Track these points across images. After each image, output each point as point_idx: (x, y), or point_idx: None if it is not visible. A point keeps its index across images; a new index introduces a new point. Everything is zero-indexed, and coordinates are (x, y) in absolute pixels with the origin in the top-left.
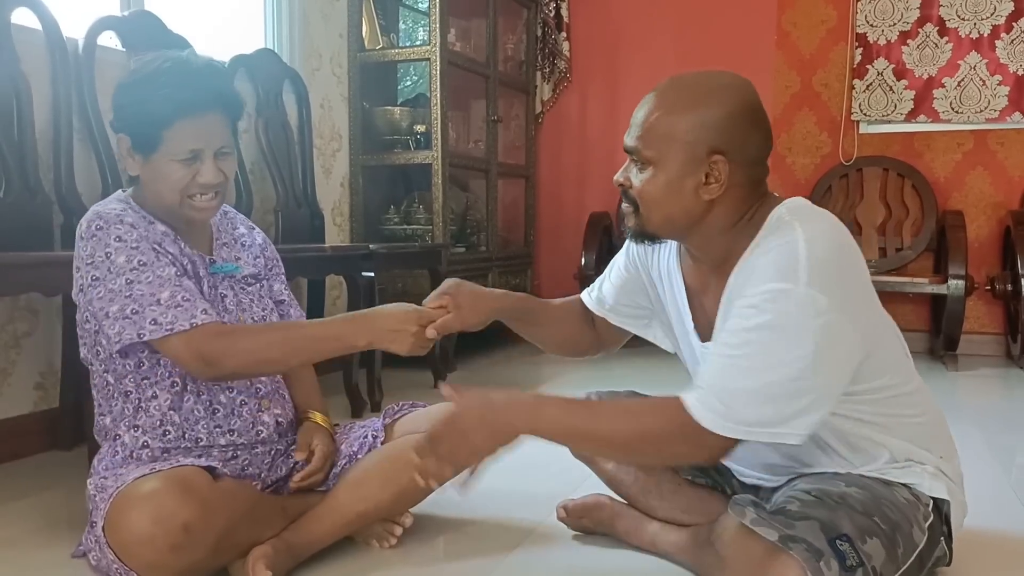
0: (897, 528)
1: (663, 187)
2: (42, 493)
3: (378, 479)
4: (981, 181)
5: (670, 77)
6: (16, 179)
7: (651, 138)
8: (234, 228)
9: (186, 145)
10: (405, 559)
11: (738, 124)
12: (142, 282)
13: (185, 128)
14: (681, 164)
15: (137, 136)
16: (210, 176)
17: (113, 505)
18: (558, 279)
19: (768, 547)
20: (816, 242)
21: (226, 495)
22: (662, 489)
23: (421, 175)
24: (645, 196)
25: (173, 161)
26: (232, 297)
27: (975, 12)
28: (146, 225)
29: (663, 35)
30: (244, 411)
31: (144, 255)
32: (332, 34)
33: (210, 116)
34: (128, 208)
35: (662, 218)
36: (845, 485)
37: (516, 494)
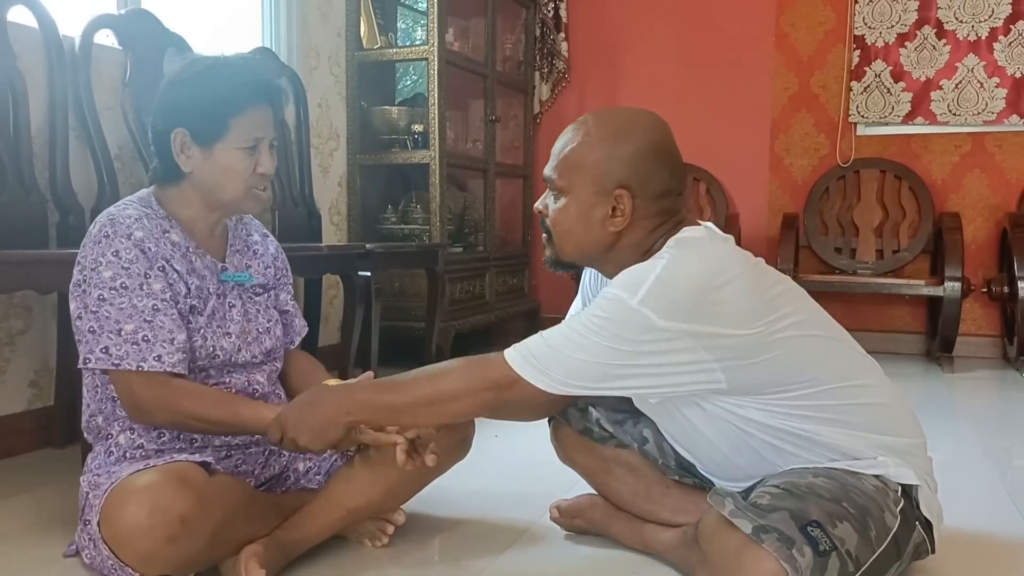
0: (867, 512)
1: (573, 217)
2: (36, 490)
3: (367, 475)
4: (978, 183)
5: (592, 111)
6: (11, 177)
7: (564, 168)
8: (248, 234)
9: (252, 133)
10: (397, 558)
11: (645, 160)
12: (113, 305)
13: (253, 116)
14: (589, 195)
15: (200, 128)
16: (269, 165)
17: (108, 499)
18: (555, 279)
19: (743, 540)
20: (673, 270)
21: (222, 489)
22: (651, 493)
23: (419, 175)
24: (557, 225)
25: (237, 150)
26: (240, 307)
27: (973, 14)
28: (158, 237)
29: (662, 36)
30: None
31: (131, 278)
32: (330, 33)
33: (268, 107)
34: (147, 214)
35: (573, 247)
36: (812, 476)
37: (509, 494)
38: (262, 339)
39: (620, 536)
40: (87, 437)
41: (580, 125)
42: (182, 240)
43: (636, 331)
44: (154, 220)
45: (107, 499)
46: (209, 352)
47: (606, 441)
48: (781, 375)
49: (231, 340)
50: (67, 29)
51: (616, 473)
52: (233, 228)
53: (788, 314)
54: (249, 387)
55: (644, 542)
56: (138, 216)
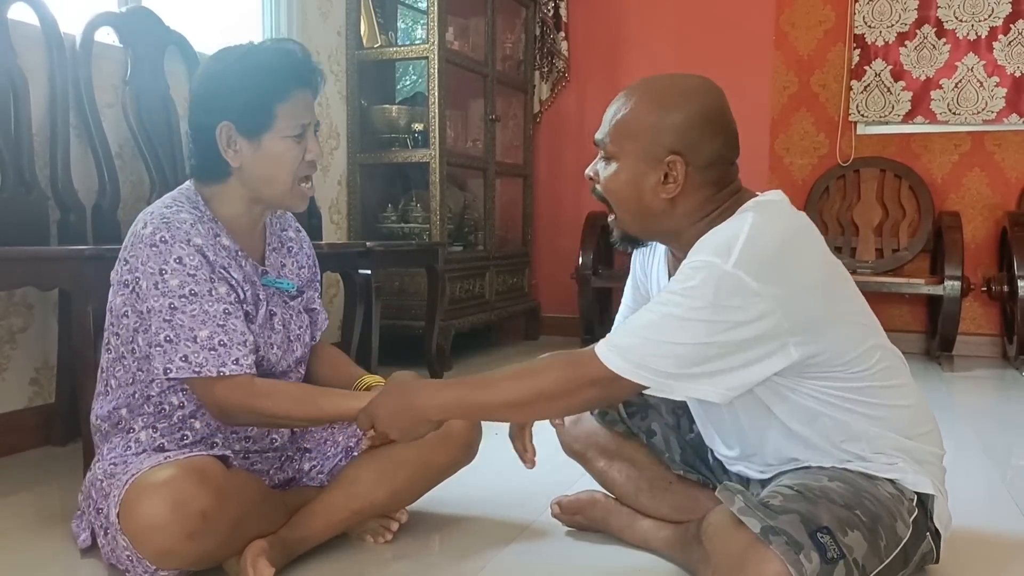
0: (878, 520)
1: (625, 183)
2: (36, 488)
3: (373, 477)
4: (978, 182)
5: (643, 78)
6: (12, 174)
7: (616, 134)
8: (283, 229)
9: (298, 119)
10: (399, 555)
11: (698, 128)
12: (186, 313)
13: (297, 101)
14: (640, 161)
15: (246, 119)
16: (317, 151)
17: (128, 493)
18: (555, 279)
19: (750, 539)
20: (761, 230)
21: (239, 484)
22: (653, 488)
23: (419, 174)
24: (609, 190)
25: (286, 138)
26: (280, 315)
27: (973, 14)
28: (213, 242)
29: (662, 35)
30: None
31: (198, 285)
32: (330, 32)
33: (308, 91)
34: (198, 217)
35: (630, 216)
36: (827, 479)
37: (510, 492)
38: (294, 347)
39: (620, 532)
40: (95, 434)
41: (632, 91)
42: (231, 243)
43: (732, 296)
44: (206, 224)
45: (126, 492)
46: (258, 362)
47: (616, 425)
48: (836, 357)
49: (274, 351)
50: (68, 27)
51: (618, 466)
52: (269, 223)
53: (849, 296)
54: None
55: (644, 539)
56: (193, 221)
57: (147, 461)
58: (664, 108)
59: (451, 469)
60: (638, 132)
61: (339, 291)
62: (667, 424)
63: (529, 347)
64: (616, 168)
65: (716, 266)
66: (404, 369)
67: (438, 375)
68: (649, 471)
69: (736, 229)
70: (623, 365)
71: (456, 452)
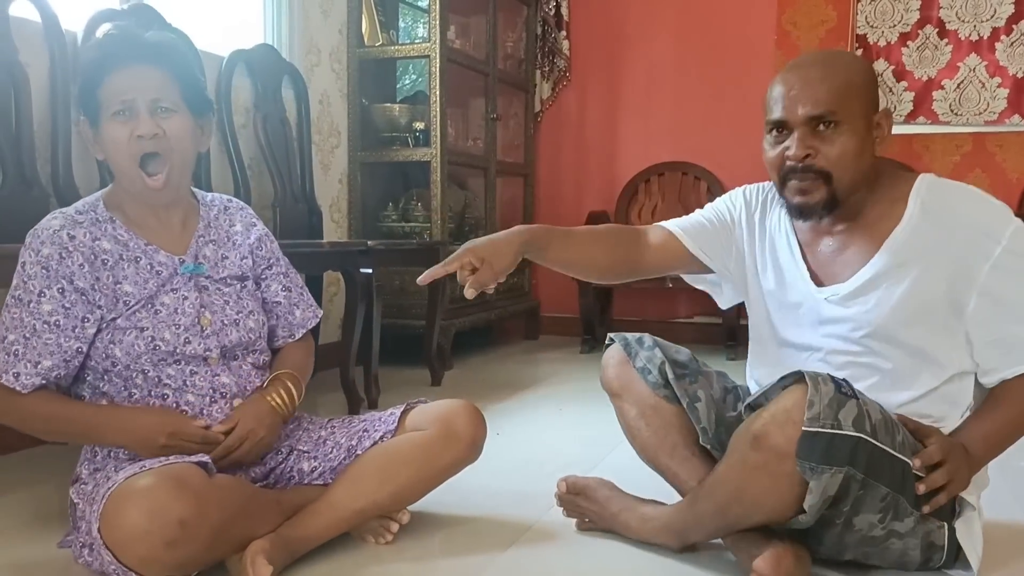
0: (898, 428)
1: (857, 145)
2: (32, 487)
3: (376, 477)
4: (979, 183)
5: (800, 56)
6: (13, 171)
7: (839, 99)
8: (231, 224)
9: (120, 95)
10: (400, 555)
11: (876, 83)
12: (10, 313)
13: (116, 82)
14: (865, 120)
15: (86, 112)
16: (144, 127)
17: (108, 503)
18: (555, 278)
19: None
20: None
21: (220, 490)
22: (675, 453)
23: (420, 172)
24: (843, 158)
25: (113, 121)
26: (194, 299)
27: (975, 14)
28: (88, 244)
29: (663, 34)
30: (214, 410)
31: (26, 293)
32: (331, 30)
33: (142, 68)
34: (79, 221)
35: (853, 178)
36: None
37: (512, 492)
38: (227, 331)
39: (619, 514)
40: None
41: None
42: (130, 239)
43: None
44: (87, 227)
45: (106, 503)
46: (148, 344)
47: (657, 388)
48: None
49: (175, 331)
50: (69, 23)
51: (649, 419)
52: (212, 219)
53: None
54: (213, 390)
55: (643, 518)
56: (59, 227)
57: (124, 472)
58: (854, 70)
59: (455, 468)
60: (855, 92)
61: (339, 290)
62: (712, 396)
63: (529, 347)
64: (846, 133)
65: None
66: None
67: (438, 375)
68: (676, 436)
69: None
70: None
71: (460, 451)
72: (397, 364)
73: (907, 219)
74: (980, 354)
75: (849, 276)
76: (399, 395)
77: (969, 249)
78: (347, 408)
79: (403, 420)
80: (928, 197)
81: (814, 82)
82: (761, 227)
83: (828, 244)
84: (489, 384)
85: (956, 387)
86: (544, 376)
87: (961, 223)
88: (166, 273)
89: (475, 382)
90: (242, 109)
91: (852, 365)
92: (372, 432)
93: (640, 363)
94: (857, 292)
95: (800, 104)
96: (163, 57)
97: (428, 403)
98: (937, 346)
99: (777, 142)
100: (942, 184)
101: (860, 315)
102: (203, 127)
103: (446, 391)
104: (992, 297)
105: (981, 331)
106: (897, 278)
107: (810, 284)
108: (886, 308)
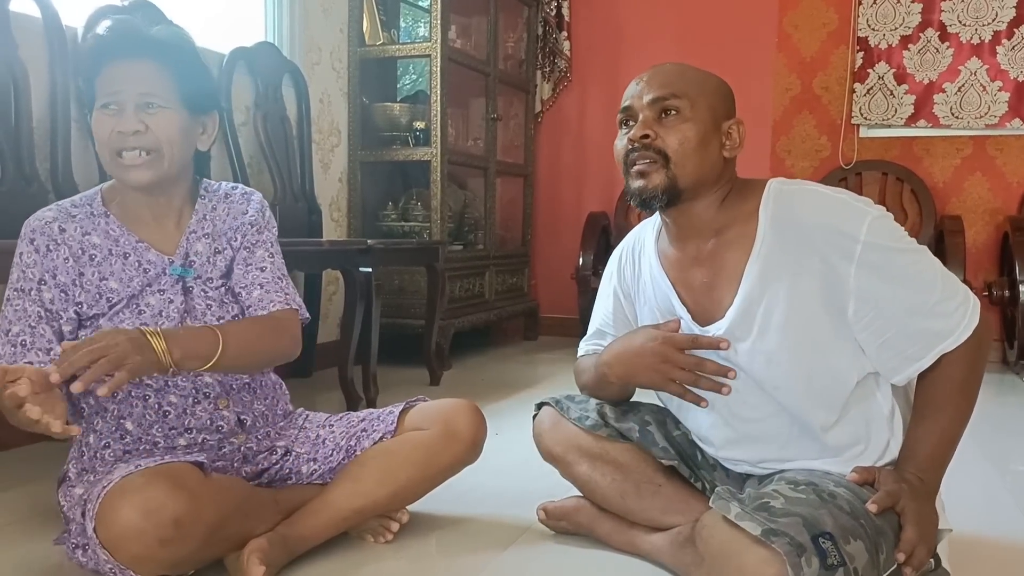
0: (882, 534)
1: (699, 137)
2: (31, 484)
3: (376, 476)
4: (980, 187)
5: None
6: (12, 167)
7: (685, 87)
8: (228, 215)
9: (108, 88)
10: (398, 554)
11: (733, 99)
12: (12, 305)
13: (110, 74)
14: (712, 118)
15: (86, 100)
16: (126, 124)
17: (103, 502)
18: (555, 279)
19: (749, 541)
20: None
21: (216, 489)
22: (640, 491)
23: (419, 172)
24: (682, 145)
25: (101, 113)
26: (179, 302)
27: (976, 18)
28: (78, 239)
29: (664, 36)
30: (198, 410)
31: (27, 282)
32: (332, 28)
33: (138, 63)
34: (72, 215)
35: (694, 170)
36: (834, 485)
37: (510, 492)
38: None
39: (607, 538)
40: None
41: (670, 65)
42: (121, 235)
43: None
44: (80, 220)
45: (101, 502)
46: None
47: (599, 428)
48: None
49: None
50: (70, 19)
51: (603, 468)
52: (210, 210)
53: None
54: (196, 391)
55: (632, 544)
56: (51, 219)
57: (119, 470)
58: (711, 76)
59: (455, 468)
60: (706, 88)
61: (338, 289)
62: (655, 420)
63: (528, 347)
64: (688, 121)
65: (871, 213)
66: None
67: (437, 374)
68: (636, 474)
69: (827, 196)
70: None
71: (461, 451)
72: (395, 364)
73: (760, 236)
74: (875, 359)
75: (725, 309)
76: (397, 394)
77: (830, 251)
78: (345, 407)
79: (402, 419)
80: (776, 207)
81: (662, 74)
82: (635, 283)
83: (697, 276)
84: (488, 384)
85: (867, 396)
86: (543, 377)
87: (813, 226)
88: (153, 272)
89: (473, 382)
90: (242, 107)
91: (758, 395)
92: (371, 432)
93: (575, 414)
94: (734, 326)
95: (645, 92)
96: (163, 53)
97: (428, 402)
98: (832, 355)
99: (624, 134)
100: (787, 189)
101: (746, 350)
102: (204, 125)
103: (444, 391)
104: (868, 300)
105: (867, 335)
106: (769, 302)
107: (693, 325)
108: (770, 335)
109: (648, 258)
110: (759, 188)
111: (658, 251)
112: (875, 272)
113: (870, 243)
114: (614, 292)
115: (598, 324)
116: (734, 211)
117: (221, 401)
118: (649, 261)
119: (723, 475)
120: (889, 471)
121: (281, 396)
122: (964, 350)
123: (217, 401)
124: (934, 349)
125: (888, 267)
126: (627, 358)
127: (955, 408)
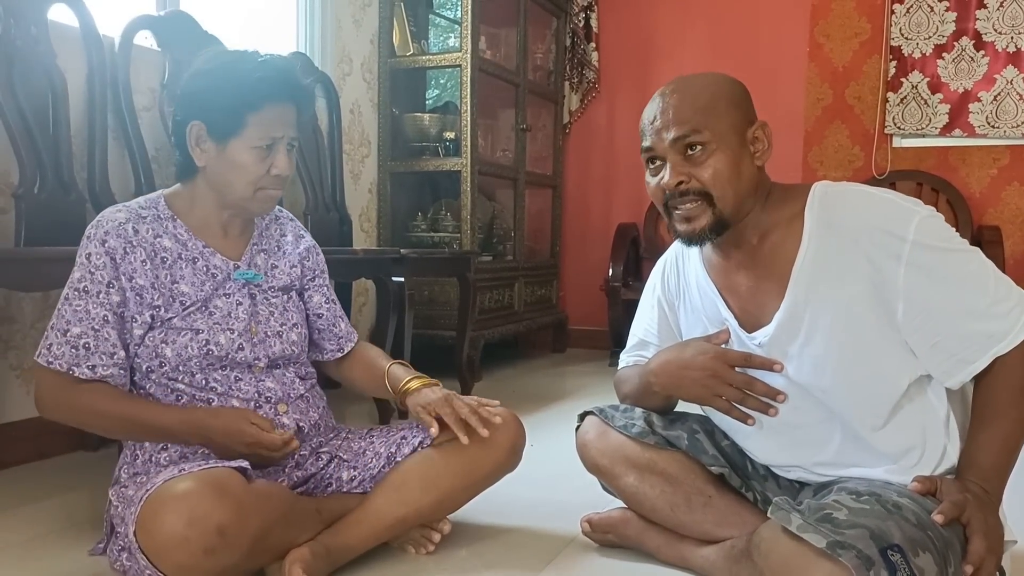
0: (949, 546)
1: (731, 162)
2: (68, 494)
3: (419, 484)
4: (1018, 196)
5: (664, 86)
6: (50, 175)
7: (702, 118)
8: (282, 235)
9: (268, 131)
10: (441, 565)
11: (749, 97)
12: (72, 305)
13: (272, 113)
14: (737, 135)
15: (216, 122)
16: (284, 167)
17: (144, 507)
18: (583, 290)
19: (813, 555)
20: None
21: (260, 497)
22: (691, 503)
23: (449, 182)
24: (718, 178)
25: (252, 148)
26: (247, 306)
27: (1012, 26)
28: (150, 241)
29: (693, 47)
30: (260, 414)
31: (94, 284)
32: (363, 39)
33: (290, 106)
34: (143, 217)
35: (735, 196)
36: (897, 495)
37: (549, 504)
38: (271, 342)
39: (656, 552)
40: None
41: (674, 90)
42: (188, 239)
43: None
44: (150, 223)
45: (143, 507)
46: (202, 347)
47: (646, 436)
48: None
49: (230, 336)
50: (107, 29)
51: (651, 480)
52: (264, 228)
53: None
54: (259, 395)
55: (683, 558)
56: (124, 220)
57: (162, 475)
58: (719, 88)
59: (496, 476)
60: (719, 110)
61: (367, 300)
62: (703, 429)
63: (556, 360)
64: (715, 153)
65: (919, 213)
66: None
67: (468, 385)
68: (686, 485)
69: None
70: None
71: (501, 458)
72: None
73: (807, 239)
74: (927, 362)
75: (771, 314)
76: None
77: (878, 252)
78: (378, 418)
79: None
80: (821, 210)
81: (675, 106)
82: (679, 292)
83: (742, 282)
84: (519, 396)
85: (920, 400)
86: (573, 389)
87: (860, 227)
88: (220, 276)
89: (504, 393)
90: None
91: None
92: (411, 438)
93: (621, 422)
94: (781, 331)
95: (664, 131)
96: (303, 99)
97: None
98: (880, 358)
99: (654, 174)
100: (834, 191)
101: (793, 355)
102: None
103: None
104: (917, 301)
105: (918, 337)
106: (817, 306)
107: (740, 331)
108: (817, 339)
109: (694, 266)
110: (804, 191)
111: (703, 258)
112: (924, 273)
113: (919, 243)
114: (658, 302)
115: (640, 335)
116: (777, 214)
117: (281, 406)
118: (695, 269)
119: (775, 485)
120: (951, 480)
121: (327, 410)
122: (1020, 353)
123: (277, 406)
124: (988, 352)
125: (938, 268)
126: (674, 370)
127: (1017, 413)
